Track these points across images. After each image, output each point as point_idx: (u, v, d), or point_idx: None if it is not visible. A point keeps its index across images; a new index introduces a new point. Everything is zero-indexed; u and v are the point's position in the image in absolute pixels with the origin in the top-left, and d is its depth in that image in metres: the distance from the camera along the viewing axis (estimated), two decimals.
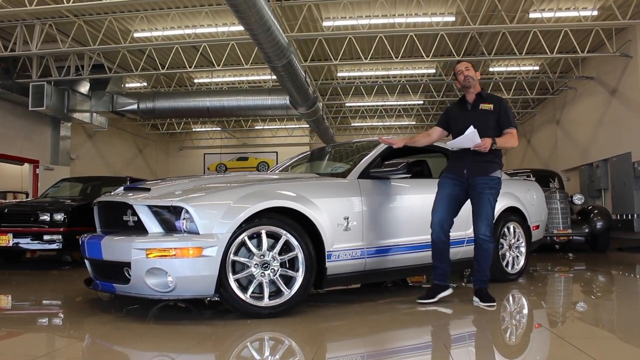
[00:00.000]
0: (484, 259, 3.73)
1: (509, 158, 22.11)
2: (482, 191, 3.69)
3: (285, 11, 10.59)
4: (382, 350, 2.76)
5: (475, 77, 3.79)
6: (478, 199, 3.71)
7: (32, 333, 3.23)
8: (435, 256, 3.77)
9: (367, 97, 16.60)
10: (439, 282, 3.78)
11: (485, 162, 3.72)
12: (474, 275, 3.83)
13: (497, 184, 3.74)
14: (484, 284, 3.74)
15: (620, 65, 11.68)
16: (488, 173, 3.71)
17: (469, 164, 3.73)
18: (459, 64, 3.88)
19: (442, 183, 3.85)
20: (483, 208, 3.69)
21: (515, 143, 3.79)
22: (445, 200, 3.76)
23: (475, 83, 3.80)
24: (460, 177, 3.76)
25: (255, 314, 3.22)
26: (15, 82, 12.21)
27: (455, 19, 10.98)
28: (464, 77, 3.79)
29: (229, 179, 3.89)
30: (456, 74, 3.87)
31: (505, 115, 3.76)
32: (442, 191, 3.80)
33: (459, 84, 3.86)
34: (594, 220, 8.18)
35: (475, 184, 3.71)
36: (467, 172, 3.73)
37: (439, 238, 3.71)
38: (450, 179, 3.81)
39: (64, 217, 6.53)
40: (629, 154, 11.33)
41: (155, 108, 13.95)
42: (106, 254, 3.37)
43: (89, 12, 10.49)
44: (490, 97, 3.89)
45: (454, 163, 3.88)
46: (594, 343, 2.83)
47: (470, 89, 3.82)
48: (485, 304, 3.60)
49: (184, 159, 23.24)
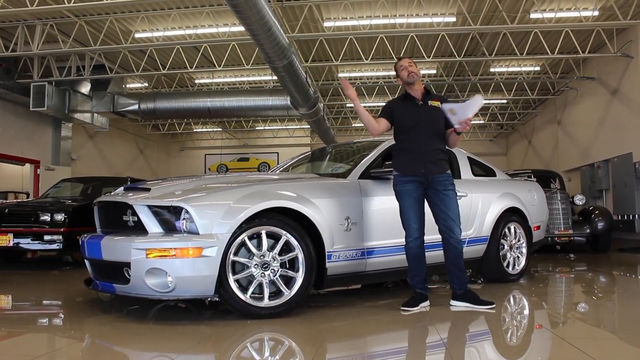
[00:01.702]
0: (461, 260, 3.61)
1: (510, 158, 22.12)
2: (446, 189, 3.59)
3: (286, 11, 10.59)
4: (383, 350, 2.75)
5: (418, 72, 3.72)
6: (444, 198, 3.57)
7: (32, 333, 3.23)
8: (415, 263, 3.64)
9: (368, 98, 16.59)
10: (421, 291, 3.66)
11: (441, 160, 3.64)
12: (453, 281, 3.66)
13: (453, 182, 3.67)
14: (467, 286, 3.65)
15: (621, 66, 11.66)
16: (445, 170, 3.65)
17: (426, 162, 3.60)
18: (402, 60, 3.77)
19: (404, 190, 3.62)
20: (451, 206, 3.58)
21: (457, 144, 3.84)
22: (415, 206, 3.59)
23: (418, 79, 3.72)
24: (419, 177, 3.60)
25: (255, 314, 3.21)
26: (17, 82, 12.23)
27: (456, 20, 10.98)
28: (408, 73, 3.69)
29: (229, 179, 3.89)
30: (398, 70, 3.76)
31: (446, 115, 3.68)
32: (408, 198, 3.60)
33: (401, 81, 3.76)
34: (595, 220, 8.17)
35: (435, 182, 3.59)
36: (425, 170, 3.59)
37: (417, 244, 3.61)
38: (411, 182, 3.60)
39: (65, 217, 6.53)
40: (630, 155, 11.32)
41: (156, 108, 13.95)
42: (106, 254, 3.36)
43: (90, 13, 10.50)
44: (436, 95, 3.84)
45: (405, 162, 3.67)
46: (595, 344, 2.82)
47: (415, 85, 3.72)
48: (484, 307, 3.53)
49: (185, 160, 23.25)
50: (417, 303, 3.61)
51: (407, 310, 3.56)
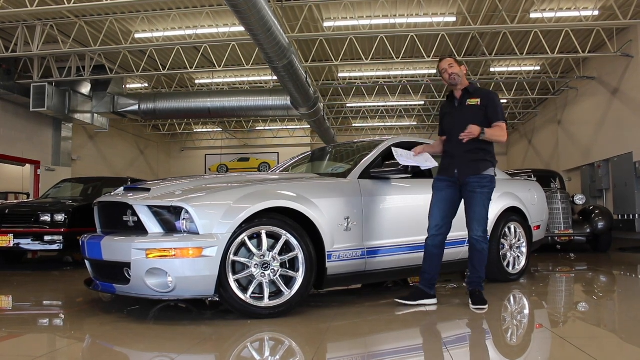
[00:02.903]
0: (479, 261, 3.65)
1: (511, 158, 22.12)
2: (474, 190, 3.59)
3: (286, 12, 10.60)
4: (383, 350, 2.75)
5: (460, 72, 3.67)
6: (470, 198, 3.60)
7: (33, 334, 3.23)
8: (426, 261, 3.69)
9: (368, 98, 16.60)
10: (424, 289, 3.70)
11: (476, 161, 3.62)
12: (468, 276, 3.79)
13: (489, 182, 3.62)
14: (478, 286, 3.65)
15: (621, 65, 11.66)
16: (480, 171, 3.61)
17: (459, 164, 3.64)
18: (442, 62, 3.73)
19: (435, 186, 3.75)
20: (475, 208, 3.59)
21: (504, 137, 3.63)
22: (440, 204, 3.67)
23: (461, 79, 3.68)
24: (452, 178, 3.67)
25: (255, 314, 3.21)
26: (17, 83, 12.24)
27: (456, 19, 10.98)
28: (449, 76, 3.67)
29: (229, 179, 3.88)
30: (440, 72, 3.75)
31: (493, 108, 3.63)
32: (437, 195, 3.71)
33: (446, 82, 3.76)
34: (596, 220, 8.16)
35: (466, 183, 3.61)
36: (458, 172, 3.64)
37: (434, 243, 3.65)
38: (443, 181, 3.71)
39: (65, 217, 6.53)
40: (631, 154, 11.32)
41: (156, 109, 13.96)
42: (106, 254, 3.36)
43: (89, 13, 10.51)
44: (478, 91, 3.75)
45: (444, 164, 3.77)
46: (596, 343, 2.82)
47: (458, 85, 3.71)
48: (475, 306, 3.52)
49: (186, 160, 23.26)
50: (415, 299, 3.66)
51: (402, 302, 3.63)
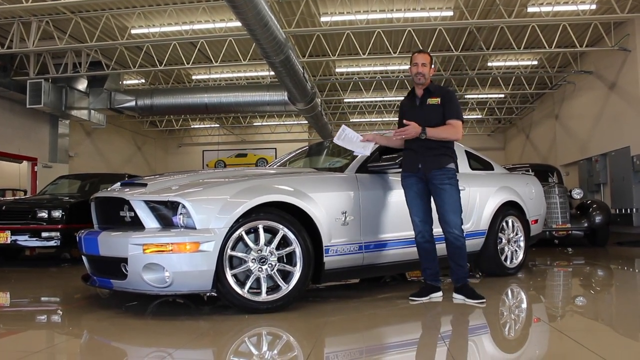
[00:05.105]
0: (460, 256, 3.62)
1: (508, 153, 22.13)
2: (442, 183, 3.57)
3: (283, 7, 10.55)
4: (380, 344, 2.75)
5: (427, 75, 3.63)
6: (440, 192, 3.58)
7: (31, 330, 3.22)
8: (423, 257, 3.73)
9: (366, 93, 16.58)
10: (432, 282, 3.75)
11: (437, 155, 3.61)
12: (452, 274, 3.72)
13: (454, 175, 3.62)
14: (465, 280, 3.66)
15: (619, 59, 11.66)
16: (443, 165, 3.60)
17: (422, 159, 3.62)
18: (418, 56, 3.66)
19: (405, 184, 3.73)
20: (448, 200, 3.57)
21: (455, 135, 3.60)
22: (417, 200, 3.66)
23: (426, 81, 3.65)
24: (417, 173, 3.65)
25: (253, 309, 3.21)
26: (13, 79, 12.18)
27: (453, 14, 10.95)
28: (416, 73, 3.64)
29: (226, 174, 3.87)
30: (411, 62, 3.70)
31: (449, 107, 3.61)
32: (410, 192, 3.70)
33: (411, 75, 3.71)
34: (593, 214, 8.17)
35: (432, 177, 3.60)
36: (422, 166, 3.62)
37: (424, 238, 3.67)
38: (411, 177, 3.69)
39: (62, 214, 6.51)
40: (628, 148, 11.34)
41: (153, 105, 13.91)
42: (103, 249, 3.35)
43: (85, 9, 10.44)
44: (438, 90, 3.73)
45: (407, 160, 3.73)
46: (593, 336, 2.82)
47: (420, 84, 3.68)
48: (474, 301, 3.53)
49: (183, 156, 23.22)
50: (427, 294, 3.70)
51: (414, 300, 3.65)
